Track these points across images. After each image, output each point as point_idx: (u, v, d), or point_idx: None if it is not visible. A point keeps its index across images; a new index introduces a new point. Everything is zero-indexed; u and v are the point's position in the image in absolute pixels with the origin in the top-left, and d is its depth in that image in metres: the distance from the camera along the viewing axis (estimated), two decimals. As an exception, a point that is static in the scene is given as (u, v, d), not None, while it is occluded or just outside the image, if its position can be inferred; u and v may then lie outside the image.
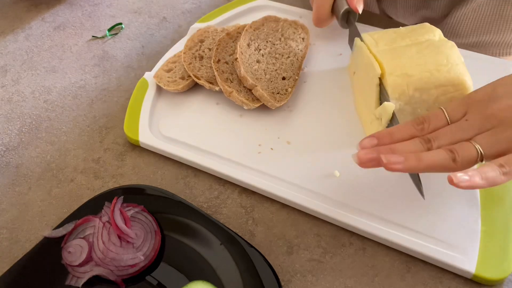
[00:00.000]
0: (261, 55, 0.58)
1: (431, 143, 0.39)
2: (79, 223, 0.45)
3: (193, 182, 0.51)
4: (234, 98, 0.54)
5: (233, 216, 0.48)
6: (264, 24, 0.62)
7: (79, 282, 0.42)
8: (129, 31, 0.72)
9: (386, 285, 0.42)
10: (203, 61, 0.59)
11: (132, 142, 0.55)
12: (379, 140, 0.41)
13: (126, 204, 0.46)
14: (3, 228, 0.49)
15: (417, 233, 0.44)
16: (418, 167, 0.38)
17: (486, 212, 0.44)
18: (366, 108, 0.51)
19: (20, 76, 0.65)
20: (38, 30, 0.73)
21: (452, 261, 0.42)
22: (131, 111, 0.56)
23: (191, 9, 0.75)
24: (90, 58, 0.67)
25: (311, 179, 0.48)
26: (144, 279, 0.42)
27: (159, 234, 0.44)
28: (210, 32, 0.63)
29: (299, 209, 0.47)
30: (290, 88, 0.56)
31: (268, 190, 0.48)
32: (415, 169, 0.38)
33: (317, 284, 0.43)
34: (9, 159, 0.55)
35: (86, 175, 0.53)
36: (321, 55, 0.62)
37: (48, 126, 0.58)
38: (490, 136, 0.38)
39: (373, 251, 0.44)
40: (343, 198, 0.47)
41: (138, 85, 0.59)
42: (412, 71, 0.46)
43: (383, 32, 0.52)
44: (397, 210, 0.45)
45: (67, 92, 0.63)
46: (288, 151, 0.51)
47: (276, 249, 0.45)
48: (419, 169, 0.38)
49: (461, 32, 0.68)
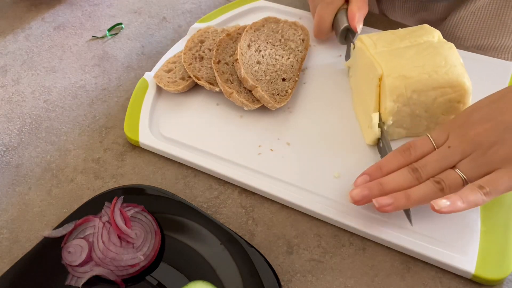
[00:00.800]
0: (262, 56, 0.58)
1: (419, 172, 0.42)
2: (79, 223, 0.45)
3: (193, 182, 0.51)
4: (234, 99, 0.54)
5: (233, 216, 0.48)
6: (264, 25, 0.62)
7: (79, 282, 0.42)
8: (129, 31, 0.72)
9: (386, 285, 0.42)
10: (203, 61, 0.59)
11: (132, 143, 0.55)
12: (371, 176, 0.44)
13: (126, 204, 0.46)
14: (3, 228, 0.49)
15: (417, 233, 0.44)
16: (408, 204, 0.41)
17: (486, 212, 0.45)
18: (363, 112, 0.51)
19: (20, 76, 0.65)
20: (38, 30, 0.73)
21: (452, 261, 0.42)
22: (131, 111, 0.56)
23: (191, 9, 0.75)
24: (90, 58, 0.68)
25: (310, 179, 0.48)
26: (144, 279, 0.42)
27: (159, 234, 0.44)
28: (210, 32, 0.63)
29: (299, 209, 0.47)
30: (290, 89, 0.56)
31: (268, 191, 0.48)
32: (405, 206, 0.41)
33: (317, 284, 0.43)
34: (9, 159, 0.55)
35: (86, 175, 0.53)
36: (321, 56, 0.62)
37: (48, 126, 0.58)
38: (471, 161, 0.41)
39: (373, 251, 0.44)
40: (343, 198, 0.47)
41: (138, 85, 0.59)
42: (410, 73, 0.46)
43: (382, 33, 0.52)
44: (397, 211, 0.45)
45: (67, 92, 0.63)
46: (288, 152, 0.51)
47: (276, 249, 0.45)
48: (409, 206, 0.41)
49: (460, 35, 0.68)
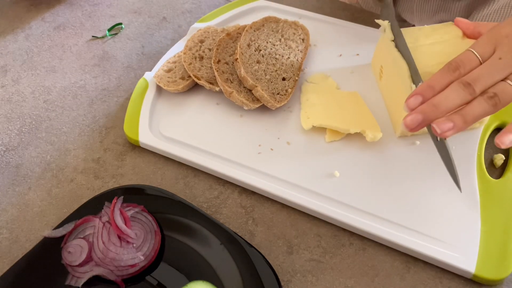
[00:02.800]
0: (261, 56, 0.58)
1: (471, 87, 0.40)
2: (79, 223, 0.45)
3: (193, 182, 0.51)
4: (234, 99, 0.54)
5: (233, 216, 0.48)
6: (264, 25, 0.62)
7: (79, 282, 0.42)
8: (129, 31, 0.72)
9: (386, 285, 0.42)
10: (203, 61, 0.59)
11: (132, 142, 0.55)
12: (423, 96, 0.41)
13: (126, 204, 0.46)
14: (3, 228, 0.49)
15: (417, 233, 0.44)
16: (466, 125, 0.40)
17: (486, 212, 0.45)
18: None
19: (20, 76, 0.65)
20: (38, 30, 0.73)
21: (452, 261, 0.42)
22: (131, 111, 0.56)
23: (191, 9, 0.75)
24: (90, 58, 0.67)
25: (311, 179, 0.48)
26: (144, 279, 0.42)
27: (159, 234, 0.44)
28: (210, 32, 0.63)
29: (299, 209, 0.47)
30: (290, 89, 0.56)
31: (268, 190, 0.48)
32: (464, 128, 0.40)
33: (317, 284, 0.43)
34: (9, 159, 0.55)
35: (86, 175, 0.53)
36: (321, 56, 0.62)
37: (48, 126, 0.58)
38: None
39: (373, 251, 0.44)
40: (343, 198, 0.47)
41: (138, 85, 0.59)
42: (435, 70, 0.47)
43: (407, 30, 0.52)
44: (397, 210, 0.45)
45: (67, 92, 0.63)
46: (288, 151, 0.51)
47: (276, 249, 0.45)
48: (467, 126, 0.40)
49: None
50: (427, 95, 0.41)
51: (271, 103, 0.53)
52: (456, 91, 0.40)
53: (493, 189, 0.46)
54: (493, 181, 0.47)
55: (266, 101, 0.54)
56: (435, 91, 0.41)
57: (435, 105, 0.40)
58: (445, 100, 0.40)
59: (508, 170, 0.48)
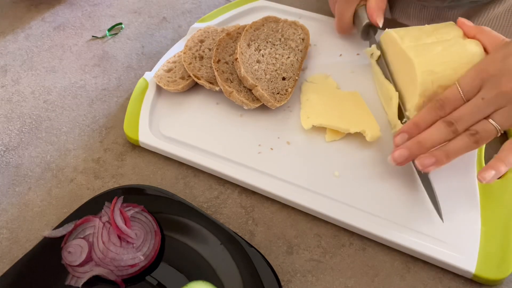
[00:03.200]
0: (261, 55, 0.58)
1: (454, 126, 0.43)
2: (79, 223, 0.45)
3: (193, 182, 0.51)
4: (234, 98, 0.54)
5: (233, 216, 0.48)
6: (264, 25, 0.62)
7: (79, 282, 0.42)
8: (129, 31, 0.72)
9: (386, 285, 0.42)
10: (203, 61, 0.59)
11: (132, 142, 0.55)
12: (409, 134, 0.45)
13: (126, 204, 0.46)
14: (3, 228, 0.49)
15: (417, 233, 0.44)
16: (448, 160, 0.42)
17: (486, 212, 0.45)
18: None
19: (20, 76, 0.65)
20: (38, 30, 0.73)
21: (452, 261, 0.42)
22: (131, 111, 0.56)
23: (191, 9, 0.75)
24: (90, 58, 0.67)
25: (311, 179, 0.48)
26: (144, 279, 0.42)
27: (159, 234, 0.44)
28: (210, 32, 0.63)
29: (299, 209, 0.47)
30: (290, 88, 0.56)
31: (268, 190, 0.48)
32: (446, 162, 0.42)
33: (317, 284, 0.43)
34: (9, 159, 0.55)
35: (86, 175, 0.53)
36: (321, 56, 0.62)
37: (48, 126, 0.58)
38: (505, 112, 0.42)
39: (373, 251, 0.44)
40: (343, 198, 0.47)
41: (138, 85, 0.59)
42: (437, 68, 0.47)
43: (408, 29, 0.52)
44: (397, 210, 0.45)
45: (67, 92, 0.63)
46: (288, 151, 0.51)
47: (276, 249, 0.45)
48: (449, 161, 0.42)
49: None
50: (413, 132, 0.45)
51: (271, 102, 0.53)
52: (440, 129, 0.43)
53: (493, 189, 0.46)
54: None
55: (266, 100, 0.54)
56: (420, 129, 0.44)
57: (420, 142, 0.43)
58: (429, 138, 0.43)
59: (508, 170, 0.48)
